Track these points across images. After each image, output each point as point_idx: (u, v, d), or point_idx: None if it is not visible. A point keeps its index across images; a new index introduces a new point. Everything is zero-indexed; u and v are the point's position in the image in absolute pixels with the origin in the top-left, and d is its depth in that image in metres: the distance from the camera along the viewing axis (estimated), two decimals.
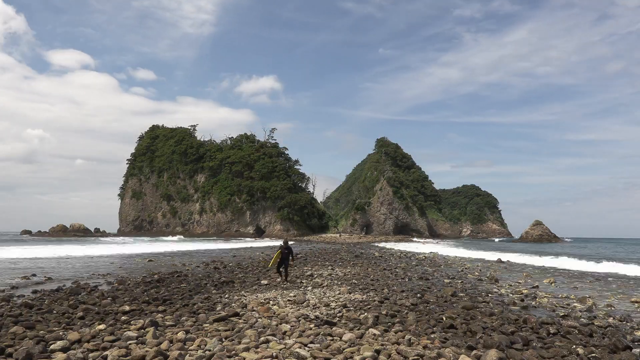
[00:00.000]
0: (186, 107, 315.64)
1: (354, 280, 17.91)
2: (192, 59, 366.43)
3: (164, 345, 7.49)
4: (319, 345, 7.77)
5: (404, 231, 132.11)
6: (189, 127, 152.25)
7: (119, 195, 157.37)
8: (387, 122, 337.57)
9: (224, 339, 8.12)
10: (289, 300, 12.59)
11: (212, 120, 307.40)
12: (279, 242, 61.93)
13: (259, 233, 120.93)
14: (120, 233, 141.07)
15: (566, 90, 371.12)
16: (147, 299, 12.39)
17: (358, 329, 8.98)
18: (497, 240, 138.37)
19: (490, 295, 15.17)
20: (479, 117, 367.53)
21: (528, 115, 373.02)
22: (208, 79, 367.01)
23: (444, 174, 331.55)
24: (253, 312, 10.62)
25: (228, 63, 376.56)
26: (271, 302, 12.20)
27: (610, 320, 11.41)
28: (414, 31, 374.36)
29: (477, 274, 23.26)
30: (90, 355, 7.12)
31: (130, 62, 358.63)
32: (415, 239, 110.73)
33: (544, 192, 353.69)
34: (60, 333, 8.45)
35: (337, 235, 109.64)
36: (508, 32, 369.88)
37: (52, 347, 7.43)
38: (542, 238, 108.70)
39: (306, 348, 7.58)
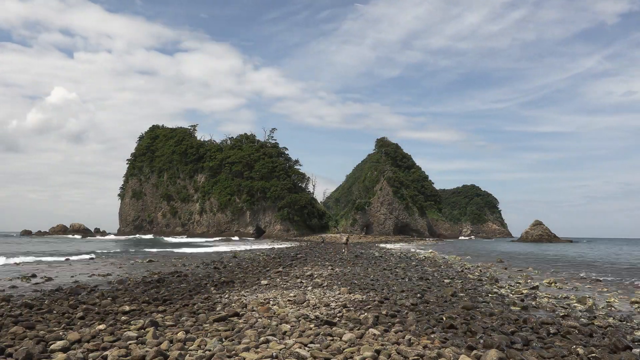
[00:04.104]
0: None
1: (354, 280, 17.90)
2: None
3: (164, 345, 7.49)
4: (319, 345, 7.77)
5: (404, 231, 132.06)
6: (189, 127, 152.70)
7: (119, 195, 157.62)
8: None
9: (224, 339, 8.12)
10: (289, 300, 12.58)
11: None
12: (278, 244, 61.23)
13: (259, 233, 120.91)
14: (120, 233, 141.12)
15: (502, 76, 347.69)
16: (147, 299, 12.39)
17: (358, 329, 8.97)
18: (509, 240, 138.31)
19: (490, 295, 15.16)
20: (419, 107, 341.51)
21: (468, 102, 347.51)
22: None
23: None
24: (253, 312, 10.62)
25: None
26: (271, 302, 12.19)
27: (610, 320, 11.40)
28: None
29: (477, 274, 23.26)
30: (90, 355, 7.12)
31: None
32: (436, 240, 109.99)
33: (518, 190, 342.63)
34: (60, 333, 8.45)
35: (339, 235, 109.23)
36: None
37: (52, 347, 7.43)
38: (542, 238, 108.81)
39: (306, 348, 7.57)
